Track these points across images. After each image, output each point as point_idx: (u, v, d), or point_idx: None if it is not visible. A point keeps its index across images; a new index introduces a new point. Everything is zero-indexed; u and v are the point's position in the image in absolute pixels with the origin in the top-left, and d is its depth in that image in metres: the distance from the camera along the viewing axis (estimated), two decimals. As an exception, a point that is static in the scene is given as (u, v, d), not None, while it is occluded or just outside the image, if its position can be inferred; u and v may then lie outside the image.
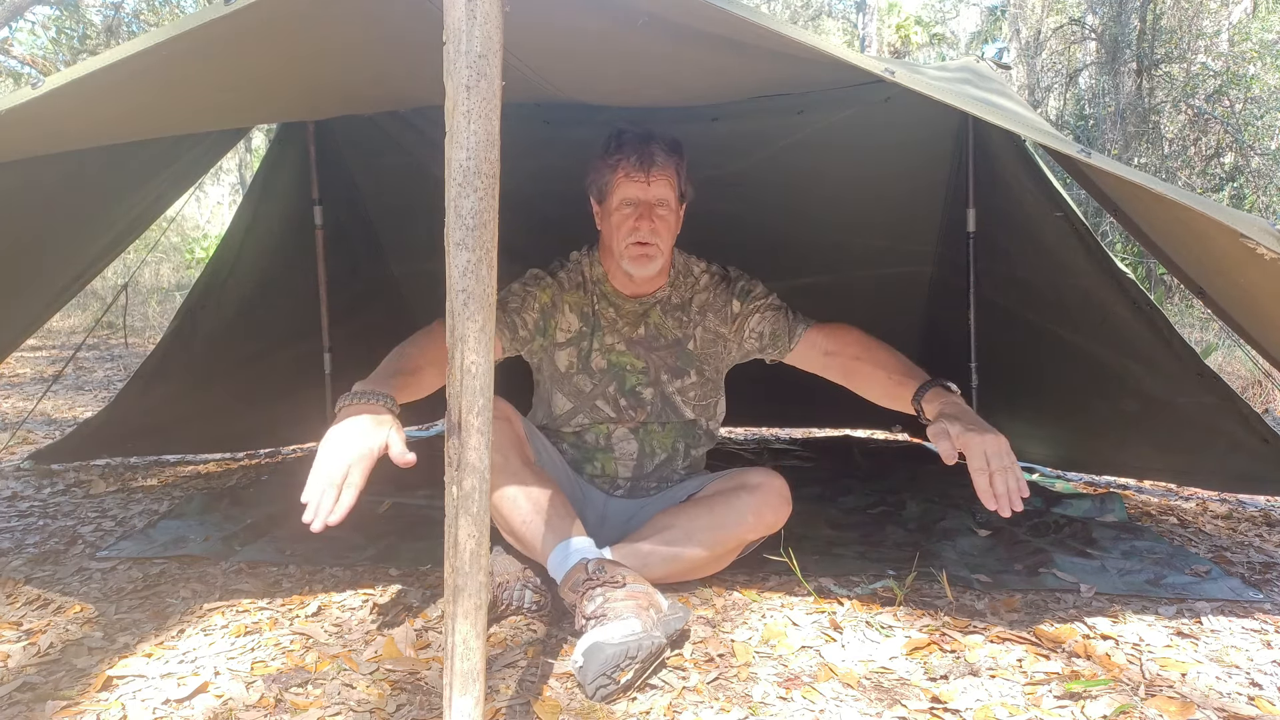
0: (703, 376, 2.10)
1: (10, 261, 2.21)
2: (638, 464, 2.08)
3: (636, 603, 1.53)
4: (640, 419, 2.07)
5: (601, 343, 2.05)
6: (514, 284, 2.04)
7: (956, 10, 19.82)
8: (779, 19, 1.42)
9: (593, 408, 2.05)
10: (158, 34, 1.37)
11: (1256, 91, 9.52)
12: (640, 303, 2.07)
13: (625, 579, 1.59)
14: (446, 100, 1.09)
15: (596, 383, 2.05)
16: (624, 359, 2.06)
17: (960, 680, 1.51)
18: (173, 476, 3.00)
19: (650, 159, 1.91)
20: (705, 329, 2.09)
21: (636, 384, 2.07)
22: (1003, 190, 2.41)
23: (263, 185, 2.75)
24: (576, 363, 2.05)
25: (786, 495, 1.90)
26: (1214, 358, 5.06)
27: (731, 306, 2.08)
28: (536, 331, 2.02)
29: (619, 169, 1.93)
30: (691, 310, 2.10)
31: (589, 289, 2.07)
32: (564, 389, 2.06)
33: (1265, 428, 2.34)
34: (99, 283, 8.52)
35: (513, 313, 1.98)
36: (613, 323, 2.06)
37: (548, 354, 2.06)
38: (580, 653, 1.44)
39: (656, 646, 1.47)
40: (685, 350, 2.08)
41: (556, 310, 2.04)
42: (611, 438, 2.06)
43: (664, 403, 2.08)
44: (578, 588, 1.60)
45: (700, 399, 2.10)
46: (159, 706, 1.41)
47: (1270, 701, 1.45)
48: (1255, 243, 1.38)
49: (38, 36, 12.58)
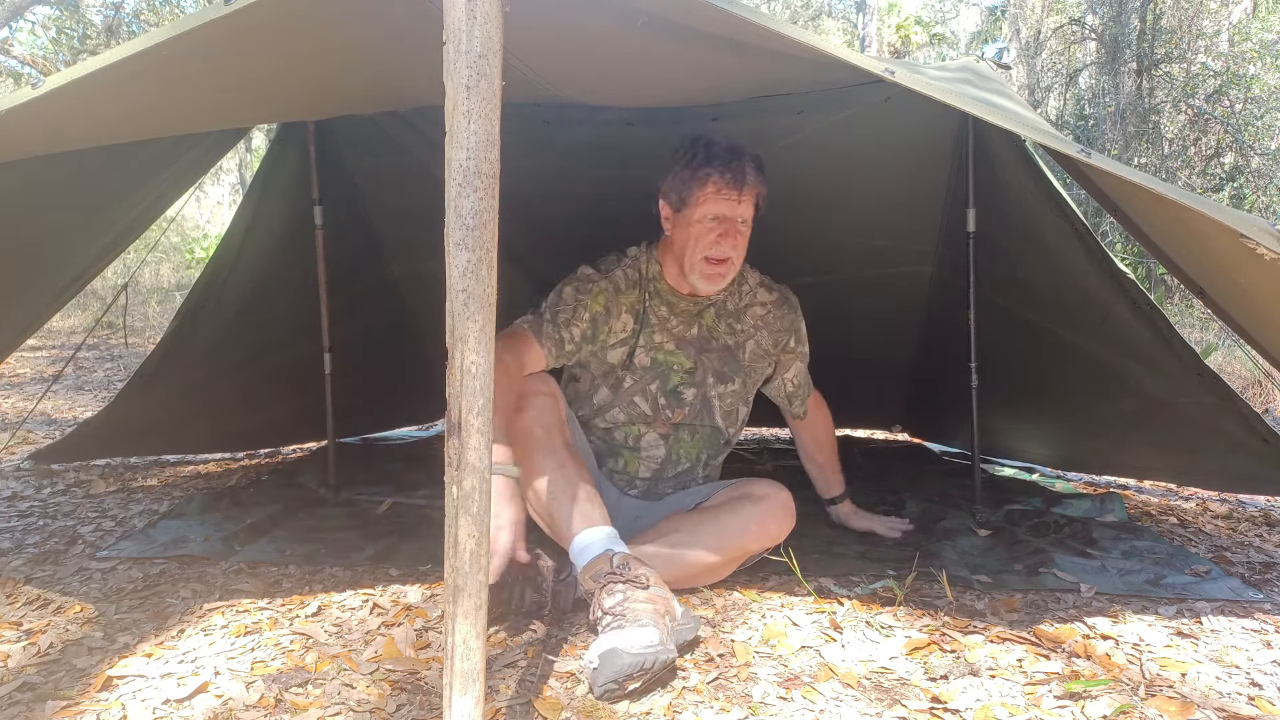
0: (744, 386, 2.16)
1: (10, 261, 2.21)
2: (660, 468, 2.10)
3: (655, 608, 1.53)
4: (675, 420, 2.09)
5: (649, 340, 2.06)
6: (565, 288, 2.01)
7: (956, 10, 19.81)
8: (779, 19, 1.42)
9: (630, 403, 2.06)
10: (158, 34, 1.36)
11: (1256, 91, 9.52)
12: (695, 303, 2.08)
13: (649, 580, 1.58)
14: (446, 100, 1.09)
15: (637, 379, 2.06)
16: (672, 358, 2.08)
17: (960, 680, 1.51)
18: (173, 476, 3.00)
19: (743, 177, 1.92)
20: (757, 344, 2.16)
21: (680, 384, 2.08)
22: (1003, 190, 2.41)
23: (263, 185, 2.74)
24: (624, 358, 2.06)
25: (791, 508, 1.91)
26: (1214, 358, 5.06)
27: (788, 339, 2.21)
28: (584, 341, 2.01)
29: (709, 183, 1.91)
30: (745, 320, 2.14)
31: (643, 286, 2.06)
32: (608, 381, 2.07)
33: (1265, 428, 2.34)
34: (99, 283, 8.51)
35: (561, 326, 1.96)
36: (664, 320, 2.07)
37: (598, 356, 2.06)
38: (597, 654, 1.43)
39: (669, 661, 1.47)
40: (735, 359, 2.13)
41: (611, 316, 2.03)
42: (641, 440, 2.08)
43: (703, 405, 2.11)
44: (599, 578, 1.59)
45: (733, 406, 2.15)
46: (159, 706, 1.41)
47: (1270, 701, 1.45)
48: (1255, 243, 1.38)
49: (38, 36, 12.58)
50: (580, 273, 2.04)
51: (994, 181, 2.40)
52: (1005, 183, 2.39)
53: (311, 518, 2.48)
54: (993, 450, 3.23)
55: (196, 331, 2.81)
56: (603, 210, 2.92)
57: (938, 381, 3.22)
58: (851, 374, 2.83)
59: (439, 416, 3.84)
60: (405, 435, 3.76)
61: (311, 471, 2.95)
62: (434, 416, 3.86)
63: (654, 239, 2.11)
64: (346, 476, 2.89)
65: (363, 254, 3.08)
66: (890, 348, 3.22)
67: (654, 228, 2.23)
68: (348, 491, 2.77)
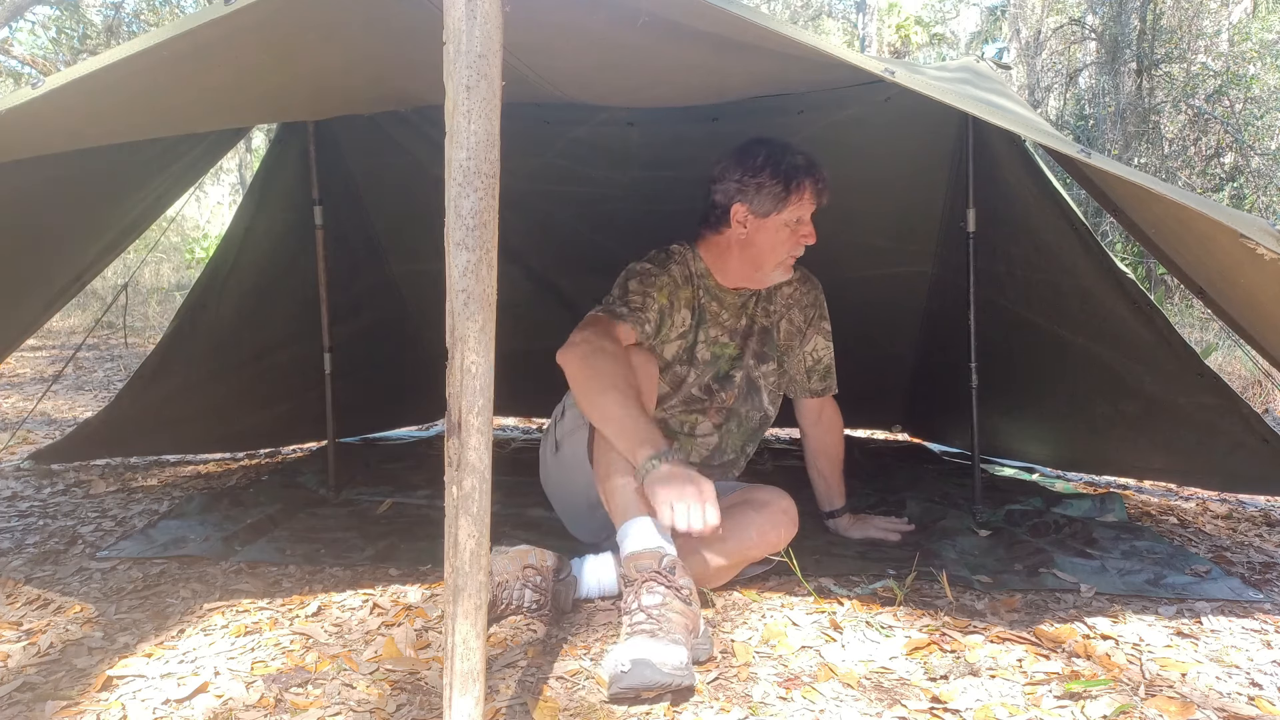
0: (781, 367, 2.25)
1: (10, 261, 2.21)
2: (709, 455, 2.17)
3: (687, 623, 1.52)
4: (728, 403, 2.16)
5: (707, 335, 2.13)
6: (629, 282, 2.01)
7: (956, 10, 19.82)
8: (779, 19, 1.42)
9: (689, 396, 2.13)
10: (158, 34, 1.36)
11: (1256, 91, 9.52)
12: (739, 295, 2.16)
13: (690, 595, 1.57)
14: (446, 100, 1.09)
15: (699, 373, 2.13)
16: (724, 349, 2.16)
17: (960, 680, 1.51)
18: (173, 476, 3.00)
19: (826, 184, 2.05)
20: (789, 322, 2.25)
21: (730, 369, 2.16)
22: (1003, 190, 2.41)
23: (263, 185, 2.75)
24: (681, 353, 2.11)
25: (793, 514, 1.91)
26: (1214, 358, 5.06)
27: (814, 313, 2.28)
28: (654, 331, 2.04)
29: (803, 191, 2.02)
30: (777, 301, 2.23)
31: (695, 283, 2.11)
32: (666, 376, 2.10)
33: (1265, 428, 2.34)
34: (99, 283, 8.51)
35: (637, 311, 1.97)
36: (716, 315, 2.14)
37: (656, 349, 2.08)
38: (629, 658, 1.41)
39: (691, 687, 1.45)
40: (772, 339, 2.23)
41: (674, 310, 2.06)
42: (697, 428, 2.16)
43: (749, 386, 2.19)
44: (644, 571, 1.57)
45: (775, 387, 2.24)
46: (159, 706, 1.41)
47: (1270, 701, 1.45)
48: (1255, 243, 1.38)
49: (38, 36, 12.59)
50: (639, 267, 2.05)
51: (994, 181, 2.40)
52: (1005, 183, 2.39)
53: (311, 518, 2.48)
54: (993, 450, 3.23)
55: (196, 331, 2.81)
56: (602, 210, 2.93)
57: (938, 381, 3.22)
58: (851, 374, 2.82)
59: (439, 416, 3.84)
60: (405, 435, 3.76)
61: (311, 471, 2.95)
62: (434, 416, 3.86)
63: (692, 237, 2.13)
64: (346, 476, 2.89)
65: (363, 254, 3.08)
66: (890, 348, 3.22)
67: (654, 225, 2.23)
68: (348, 491, 2.77)
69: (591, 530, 2.11)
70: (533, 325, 2.86)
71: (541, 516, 2.43)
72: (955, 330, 2.56)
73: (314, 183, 2.63)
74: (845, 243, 2.85)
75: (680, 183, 2.35)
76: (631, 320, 1.95)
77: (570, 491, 2.14)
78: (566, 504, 2.21)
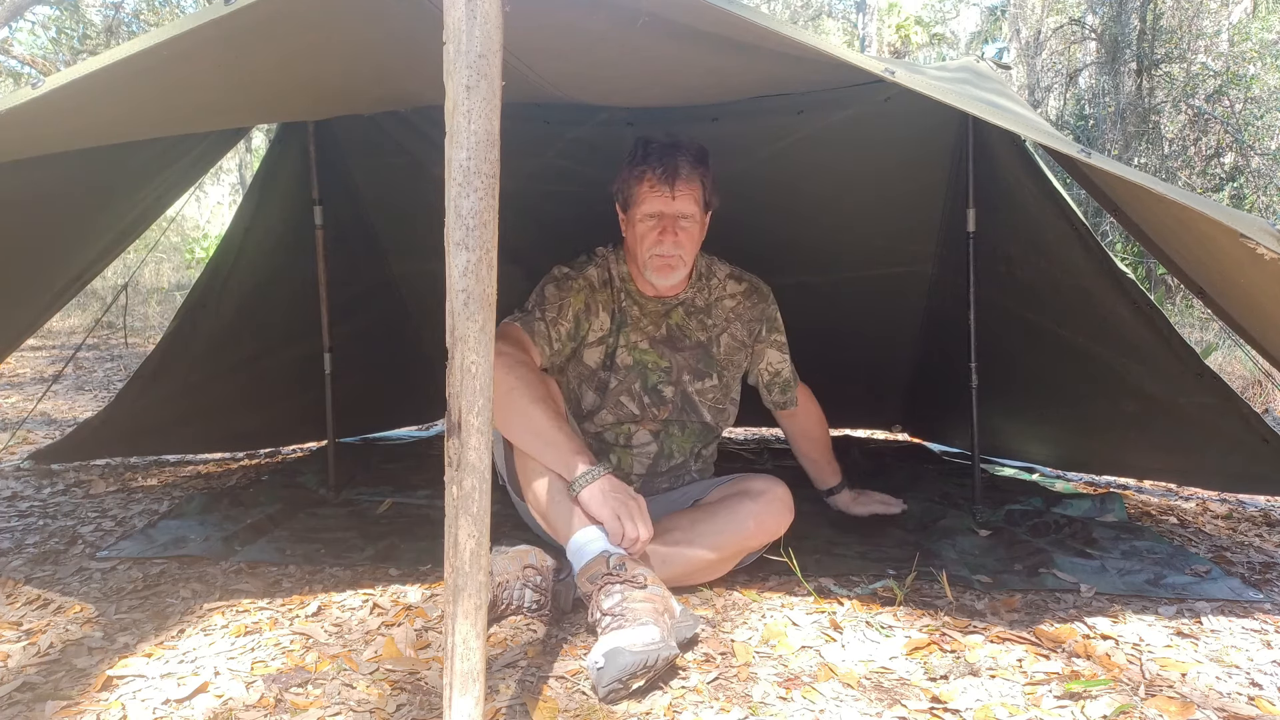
0: (722, 381, 2.17)
1: (10, 261, 2.21)
2: (653, 463, 2.11)
3: (654, 606, 1.53)
4: (662, 417, 2.10)
5: (627, 339, 2.09)
6: (546, 287, 2.02)
7: (956, 10, 19.81)
8: (779, 19, 1.42)
9: (617, 404, 2.08)
10: (158, 34, 1.36)
11: (1256, 91, 9.51)
12: (663, 303, 2.11)
13: (646, 580, 1.59)
14: (446, 100, 1.09)
15: (621, 379, 2.08)
16: (647, 356, 2.10)
17: (960, 680, 1.51)
18: (173, 476, 3.00)
19: (675, 173, 1.93)
20: (731, 336, 2.17)
21: (658, 382, 2.10)
22: (1003, 190, 2.41)
23: (262, 185, 2.74)
24: (603, 359, 2.08)
25: (789, 503, 1.91)
26: (1214, 358, 5.05)
27: (760, 328, 2.20)
28: (569, 339, 2.03)
29: (644, 180, 1.94)
30: (716, 315, 2.16)
31: (615, 286, 2.09)
32: (591, 384, 2.08)
33: (1265, 428, 2.34)
34: (99, 283, 8.52)
35: (549, 324, 1.98)
36: (637, 320, 2.10)
37: (577, 354, 2.08)
38: (600, 654, 1.44)
39: (671, 657, 1.47)
40: (709, 354, 2.15)
41: (590, 313, 2.05)
42: (633, 438, 2.10)
43: (684, 401, 2.12)
44: (596, 580, 1.60)
45: (717, 402, 2.16)
46: (159, 706, 1.41)
47: (1270, 701, 1.45)
48: (1255, 243, 1.38)
49: (38, 36, 12.58)
50: (557, 271, 2.07)
51: (994, 181, 2.40)
52: (1005, 182, 2.39)
53: (311, 518, 2.48)
54: (993, 450, 3.23)
55: (196, 331, 2.81)
56: (602, 210, 2.92)
57: (937, 381, 3.21)
58: (851, 374, 2.83)
59: (439, 416, 3.84)
60: (405, 435, 3.76)
61: (311, 471, 2.95)
62: (434, 416, 3.86)
63: (619, 240, 2.13)
64: (346, 476, 2.89)
65: (363, 254, 3.08)
66: (890, 348, 3.22)
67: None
68: (348, 491, 2.77)
69: None
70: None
71: (541, 516, 2.43)
72: (955, 330, 2.56)
73: (314, 183, 2.63)
74: (845, 243, 2.85)
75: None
76: (541, 341, 1.95)
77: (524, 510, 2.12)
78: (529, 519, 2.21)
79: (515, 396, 1.75)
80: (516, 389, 1.76)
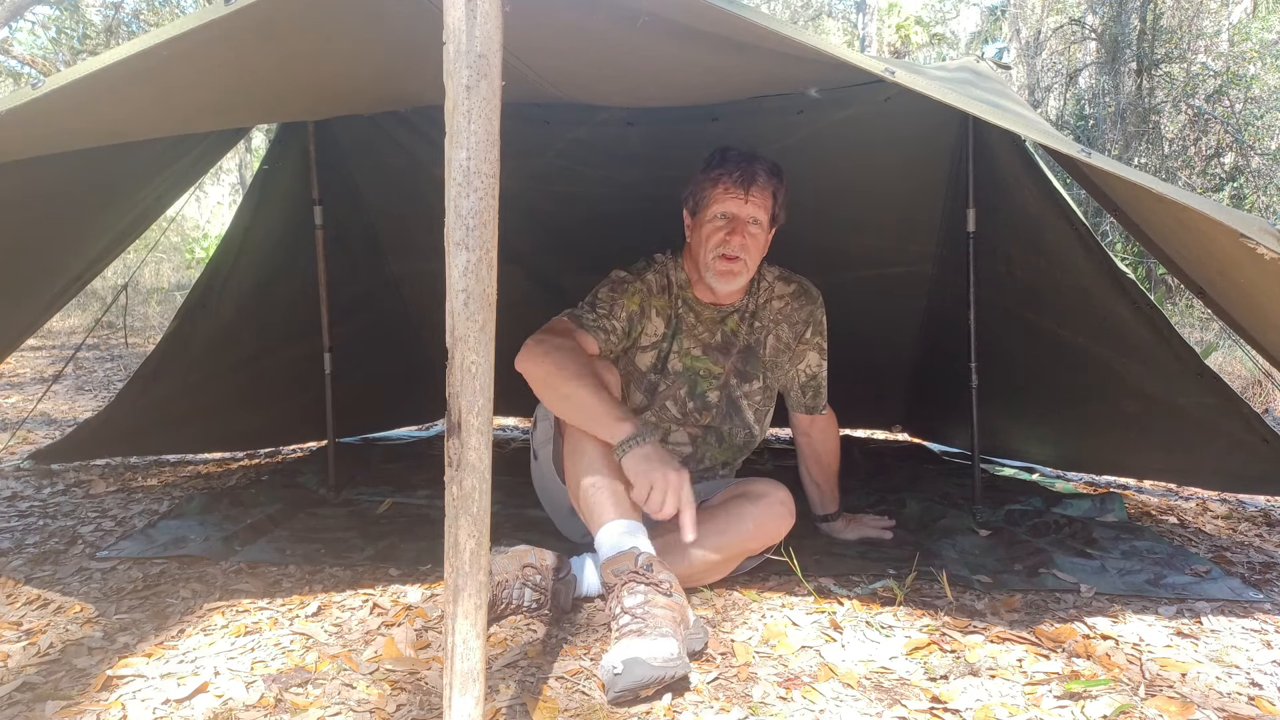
0: (766, 384, 2.19)
1: (10, 261, 2.21)
2: (683, 461, 2.12)
3: (674, 615, 1.53)
4: (704, 422, 2.13)
5: (680, 346, 2.11)
6: (600, 290, 2.04)
7: (956, 10, 19.81)
8: (779, 19, 1.42)
9: (661, 408, 2.11)
10: (158, 34, 1.36)
11: (1256, 91, 9.51)
12: (719, 311, 2.12)
13: (671, 587, 1.58)
14: (446, 100, 1.09)
15: (670, 384, 2.11)
16: (699, 363, 2.12)
17: (960, 680, 1.51)
18: (173, 476, 3.00)
19: (752, 177, 1.96)
20: (777, 338, 2.19)
21: (707, 388, 2.12)
22: (1003, 190, 2.41)
23: (262, 185, 2.75)
24: (655, 363, 2.10)
25: (790, 506, 1.91)
26: (1214, 358, 5.05)
27: (806, 330, 2.21)
28: (622, 336, 2.04)
29: (720, 183, 1.97)
30: (764, 317, 2.17)
31: (673, 293, 2.10)
32: (640, 386, 2.10)
33: (1265, 428, 2.34)
34: (99, 283, 8.52)
35: (603, 318, 1.99)
36: (692, 328, 2.11)
37: (629, 356, 2.09)
38: (620, 660, 1.42)
39: (686, 674, 1.46)
40: (756, 356, 2.17)
41: (644, 317, 2.07)
42: (670, 436, 2.12)
43: (729, 405, 2.14)
44: (621, 574, 1.59)
45: (762, 405, 2.19)
46: (159, 706, 1.41)
47: (1270, 701, 1.45)
48: (1255, 243, 1.38)
49: (38, 36, 12.58)
50: (614, 275, 2.08)
51: (994, 181, 2.40)
52: (1005, 182, 2.39)
53: (311, 518, 2.48)
54: (993, 450, 3.23)
55: (196, 331, 2.81)
56: (602, 210, 2.93)
57: (938, 381, 3.22)
58: (851, 374, 2.82)
59: (439, 416, 3.84)
60: (405, 435, 3.76)
61: (311, 471, 2.95)
62: (434, 416, 3.86)
63: (677, 248, 2.14)
64: (346, 476, 2.89)
65: (363, 254, 3.08)
66: (890, 348, 3.22)
67: (654, 225, 2.23)
68: (348, 491, 2.77)
69: (580, 532, 2.12)
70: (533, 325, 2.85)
71: (541, 516, 2.43)
72: (955, 330, 2.56)
73: (314, 183, 2.63)
74: (845, 242, 2.85)
75: (680, 183, 2.34)
76: (594, 331, 1.95)
77: (552, 496, 2.17)
78: (551, 507, 2.24)
79: (556, 378, 1.78)
80: (555, 372, 1.79)
